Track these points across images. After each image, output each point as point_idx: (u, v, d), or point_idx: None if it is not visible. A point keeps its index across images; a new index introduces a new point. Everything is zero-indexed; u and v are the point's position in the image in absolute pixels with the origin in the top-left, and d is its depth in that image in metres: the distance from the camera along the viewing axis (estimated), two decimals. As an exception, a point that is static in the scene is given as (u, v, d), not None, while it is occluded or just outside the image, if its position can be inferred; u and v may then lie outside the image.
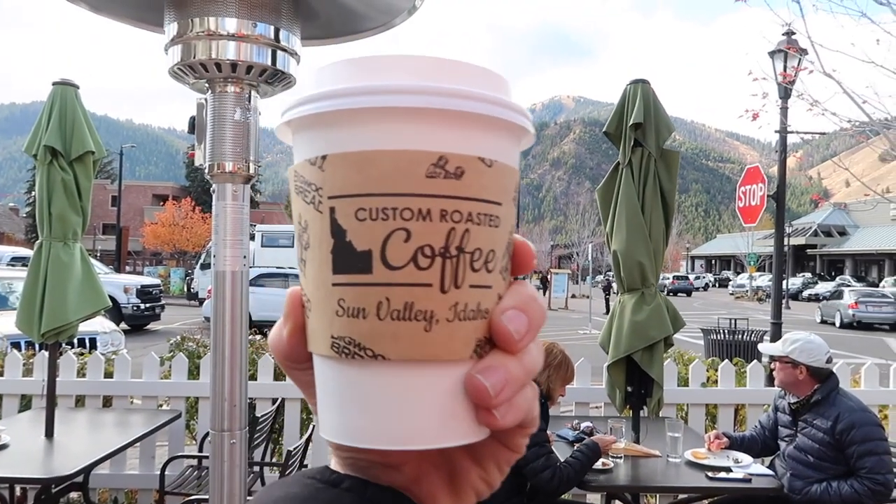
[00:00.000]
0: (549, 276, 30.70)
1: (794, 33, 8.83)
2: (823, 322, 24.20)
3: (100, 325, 7.89)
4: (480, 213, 0.32)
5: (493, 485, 0.38)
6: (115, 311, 15.11)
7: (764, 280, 42.35)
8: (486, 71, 0.33)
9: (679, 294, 43.68)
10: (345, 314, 0.31)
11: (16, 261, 16.22)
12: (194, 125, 1.40)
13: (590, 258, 24.00)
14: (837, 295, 24.74)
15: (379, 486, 0.35)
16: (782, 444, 3.38)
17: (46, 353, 3.90)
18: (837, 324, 23.04)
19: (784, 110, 9.04)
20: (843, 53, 6.26)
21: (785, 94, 8.88)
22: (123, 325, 14.21)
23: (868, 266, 55.93)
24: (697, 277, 57.99)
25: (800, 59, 8.62)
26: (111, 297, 4.32)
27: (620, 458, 3.20)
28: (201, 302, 20.57)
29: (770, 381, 4.45)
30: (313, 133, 0.32)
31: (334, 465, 0.37)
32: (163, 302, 17.95)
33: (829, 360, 3.26)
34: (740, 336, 9.78)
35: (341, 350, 0.32)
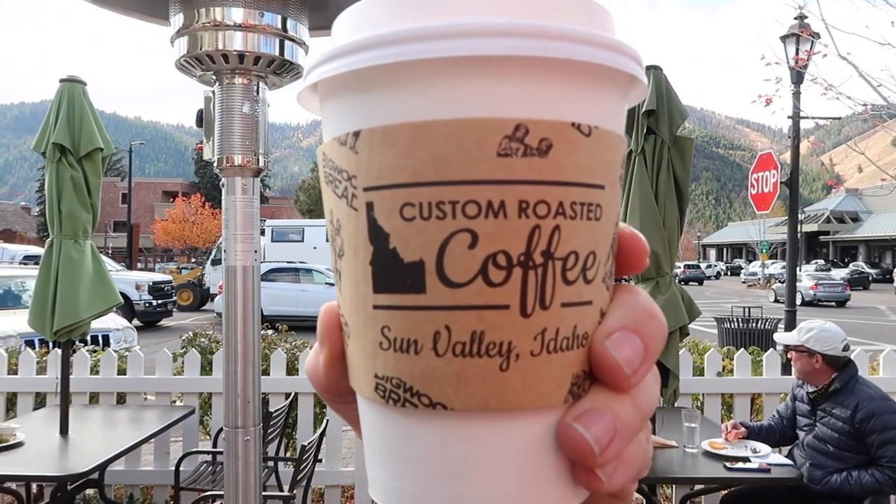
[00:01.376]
0: None
1: (806, 17, 8.72)
2: (776, 301, 25.42)
3: (112, 322, 7.92)
4: (576, 203, 0.23)
5: None
6: (128, 308, 15.21)
7: (776, 268, 42.07)
8: (591, 2, 0.24)
9: (691, 283, 43.55)
10: (391, 347, 0.24)
11: (28, 259, 16.35)
12: (202, 119, 1.38)
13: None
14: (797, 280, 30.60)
15: None
16: (801, 434, 3.33)
17: (60, 351, 3.91)
18: (799, 302, 24.53)
19: (797, 95, 8.94)
20: (858, 36, 6.17)
21: (798, 78, 8.77)
22: (136, 322, 14.30)
23: (882, 252, 55.45)
24: (709, 266, 57.74)
25: (813, 43, 8.51)
26: (123, 294, 4.33)
27: (637, 449, 3.18)
28: (212, 298, 20.68)
29: (786, 369, 4.40)
30: (343, 100, 0.25)
31: None
32: (174, 298, 18.06)
33: (846, 348, 3.22)
34: (754, 324, 9.71)
35: (388, 395, 0.24)
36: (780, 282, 29.75)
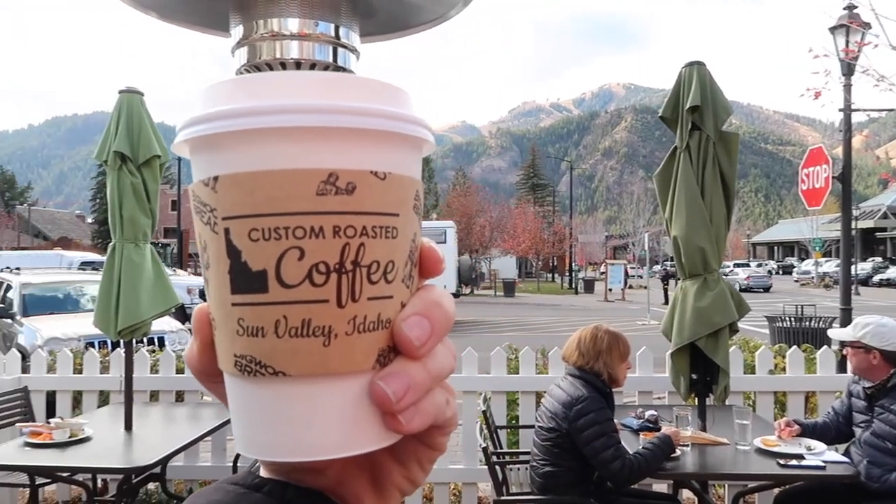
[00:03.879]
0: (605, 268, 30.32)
1: (855, 7, 8.47)
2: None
3: (167, 324, 8.20)
4: (376, 226, 0.32)
5: (417, 482, 0.39)
6: (180, 312, 15.63)
7: (830, 266, 40.73)
8: (378, 83, 0.33)
9: (753, 291, 40.08)
10: (245, 333, 0.32)
11: (85, 265, 17.00)
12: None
13: (646, 248, 23.44)
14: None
15: (298, 489, 0.36)
16: (857, 431, 3.26)
17: (122, 352, 4.08)
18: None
19: (847, 87, 8.68)
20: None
21: (848, 70, 8.52)
22: (189, 325, 14.67)
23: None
24: (760, 265, 56.17)
25: (863, 34, 8.26)
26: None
27: (688, 446, 3.15)
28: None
29: (841, 367, 4.29)
30: (205, 154, 0.32)
31: (263, 471, 0.37)
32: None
33: None
34: (808, 323, 9.45)
35: (244, 368, 0.32)
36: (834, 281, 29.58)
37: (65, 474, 3.60)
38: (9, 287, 9.21)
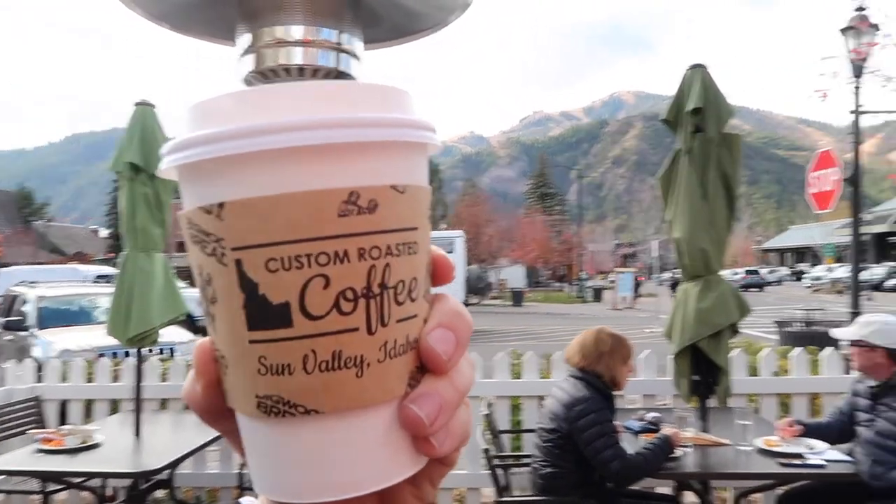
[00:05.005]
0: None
1: (864, 8, 8.49)
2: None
3: (177, 335, 8.30)
4: (399, 244, 0.30)
5: (428, 501, 0.37)
6: (190, 323, 15.74)
7: (842, 271, 40.35)
8: (385, 88, 0.31)
9: (750, 289, 42.11)
10: (268, 372, 0.29)
11: (100, 278, 17.16)
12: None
13: (654, 255, 23.41)
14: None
15: None
16: (861, 430, 3.26)
17: (133, 361, 4.15)
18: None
19: (857, 89, 8.68)
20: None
21: (857, 71, 8.53)
22: (199, 336, 14.75)
23: (959, 252, 52.43)
24: (771, 271, 55.77)
25: (873, 35, 8.28)
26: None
27: (689, 447, 3.17)
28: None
29: (848, 368, 4.29)
30: (205, 178, 0.29)
31: (263, 500, 0.35)
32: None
33: None
34: (817, 327, 9.40)
35: (269, 409, 0.30)
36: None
37: (75, 480, 3.67)
38: (25, 301, 9.42)
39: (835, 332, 3.49)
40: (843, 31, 8.64)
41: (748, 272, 47.10)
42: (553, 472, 3.07)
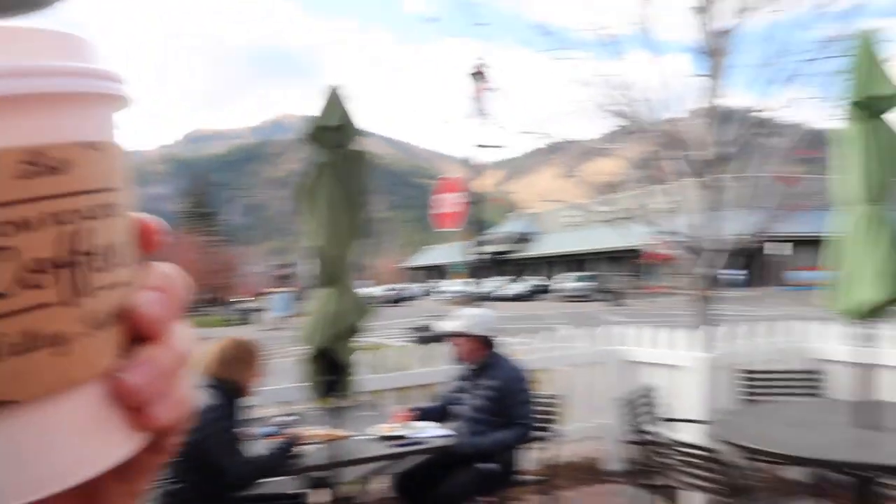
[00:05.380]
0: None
1: (482, 58, 10.09)
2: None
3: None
4: (96, 206, 0.27)
5: (141, 497, 0.33)
6: None
7: (464, 285, 46.47)
8: (64, 33, 0.27)
9: (399, 303, 46.10)
10: None
11: None
12: None
13: (297, 270, 24.05)
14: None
15: None
16: (463, 408, 3.83)
17: None
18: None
19: (474, 127, 10.24)
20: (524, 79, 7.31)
21: (477, 112, 10.07)
22: None
23: (552, 266, 64.71)
24: (404, 288, 61.42)
25: (485, 80, 9.85)
26: None
27: (317, 443, 3.34)
28: None
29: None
30: None
31: None
32: None
33: (494, 330, 3.84)
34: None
35: None
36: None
37: None
38: None
39: (438, 326, 4.08)
40: (468, 75, 10.18)
41: (390, 289, 51.89)
42: (180, 488, 2.96)
